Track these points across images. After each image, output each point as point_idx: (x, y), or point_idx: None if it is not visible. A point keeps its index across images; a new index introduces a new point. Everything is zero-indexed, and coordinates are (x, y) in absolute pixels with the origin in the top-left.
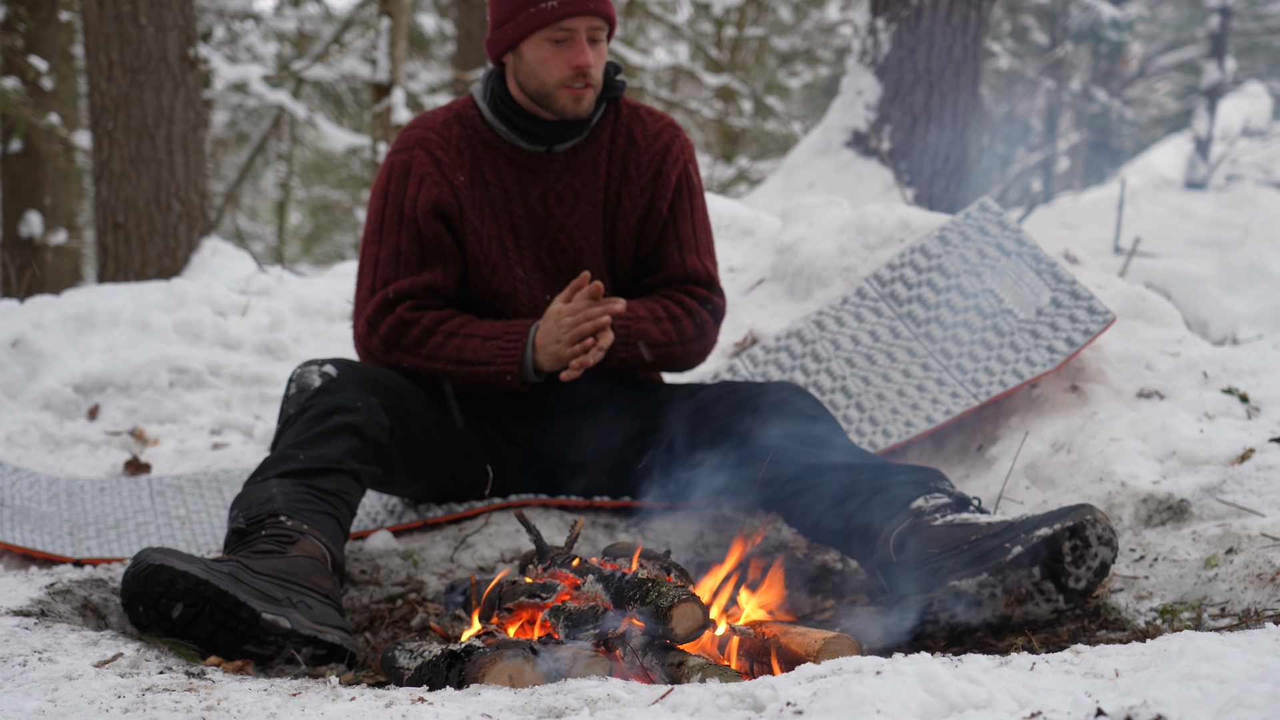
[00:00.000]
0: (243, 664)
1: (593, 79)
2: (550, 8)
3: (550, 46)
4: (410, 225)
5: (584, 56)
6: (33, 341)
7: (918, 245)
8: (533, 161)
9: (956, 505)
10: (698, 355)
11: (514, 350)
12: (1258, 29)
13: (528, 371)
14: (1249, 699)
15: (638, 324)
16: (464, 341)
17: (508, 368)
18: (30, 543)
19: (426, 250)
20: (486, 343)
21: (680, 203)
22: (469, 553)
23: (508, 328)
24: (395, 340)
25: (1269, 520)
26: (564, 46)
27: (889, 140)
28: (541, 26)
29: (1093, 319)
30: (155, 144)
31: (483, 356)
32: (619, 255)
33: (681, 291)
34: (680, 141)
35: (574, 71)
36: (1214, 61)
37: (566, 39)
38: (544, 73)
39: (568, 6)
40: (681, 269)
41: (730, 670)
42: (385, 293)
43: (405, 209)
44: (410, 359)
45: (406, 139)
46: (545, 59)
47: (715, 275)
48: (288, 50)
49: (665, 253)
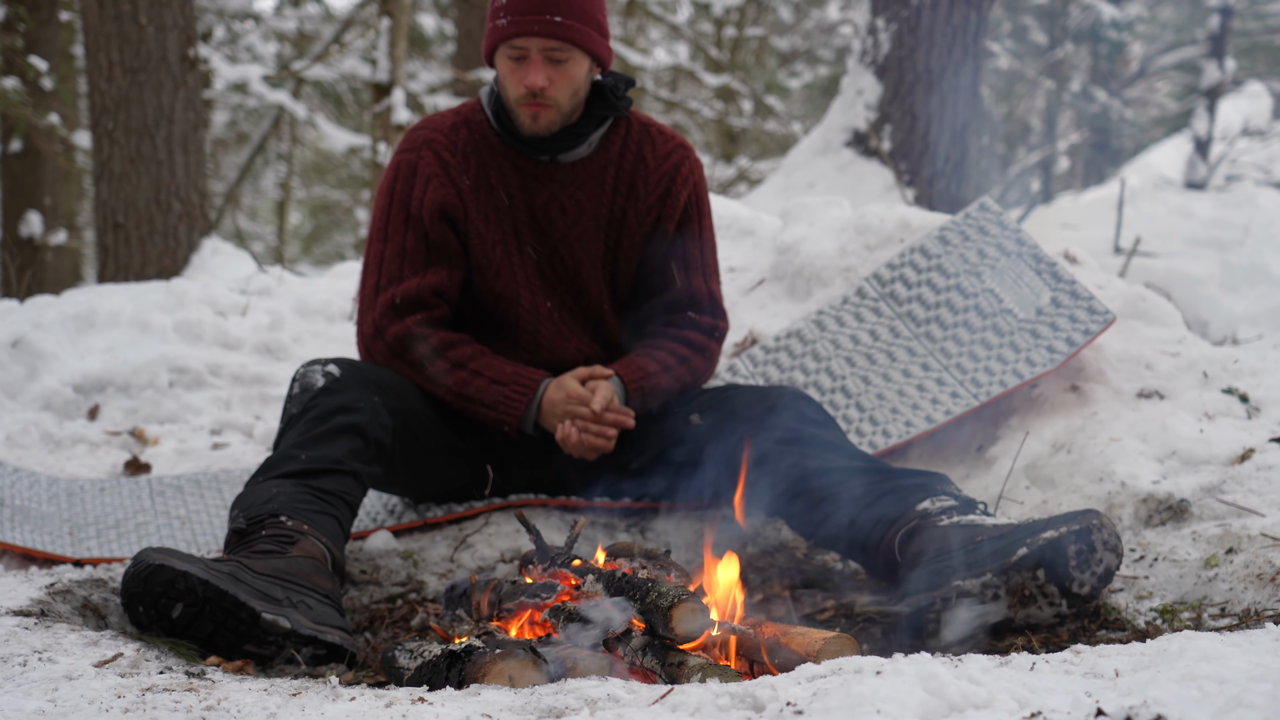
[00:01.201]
0: (243, 664)
1: (549, 99)
2: (501, 26)
3: (509, 63)
4: (416, 225)
5: (532, 76)
6: (33, 341)
7: (918, 245)
8: (538, 169)
9: (963, 508)
10: (707, 380)
11: (518, 403)
12: (1258, 29)
13: (527, 425)
14: (1249, 699)
15: (650, 381)
16: (470, 378)
17: (508, 418)
18: (30, 543)
19: (432, 250)
20: (492, 386)
21: (689, 223)
22: (469, 553)
23: (518, 376)
24: (400, 351)
25: (1269, 520)
26: (520, 64)
27: (889, 140)
28: (499, 43)
29: (1093, 319)
30: (155, 144)
31: (485, 399)
32: (620, 270)
33: (686, 324)
34: (690, 162)
35: (525, 90)
36: (1214, 61)
37: (521, 57)
38: (507, 87)
39: (515, 26)
40: (686, 290)
41: (730, 670)
42: (393, 296)
43: (412, 208)
44: (412, 373)
45: (414, 139)
46: (506, 74)
47: (719, 298)
48: (288, 50)
49: (670, 273)
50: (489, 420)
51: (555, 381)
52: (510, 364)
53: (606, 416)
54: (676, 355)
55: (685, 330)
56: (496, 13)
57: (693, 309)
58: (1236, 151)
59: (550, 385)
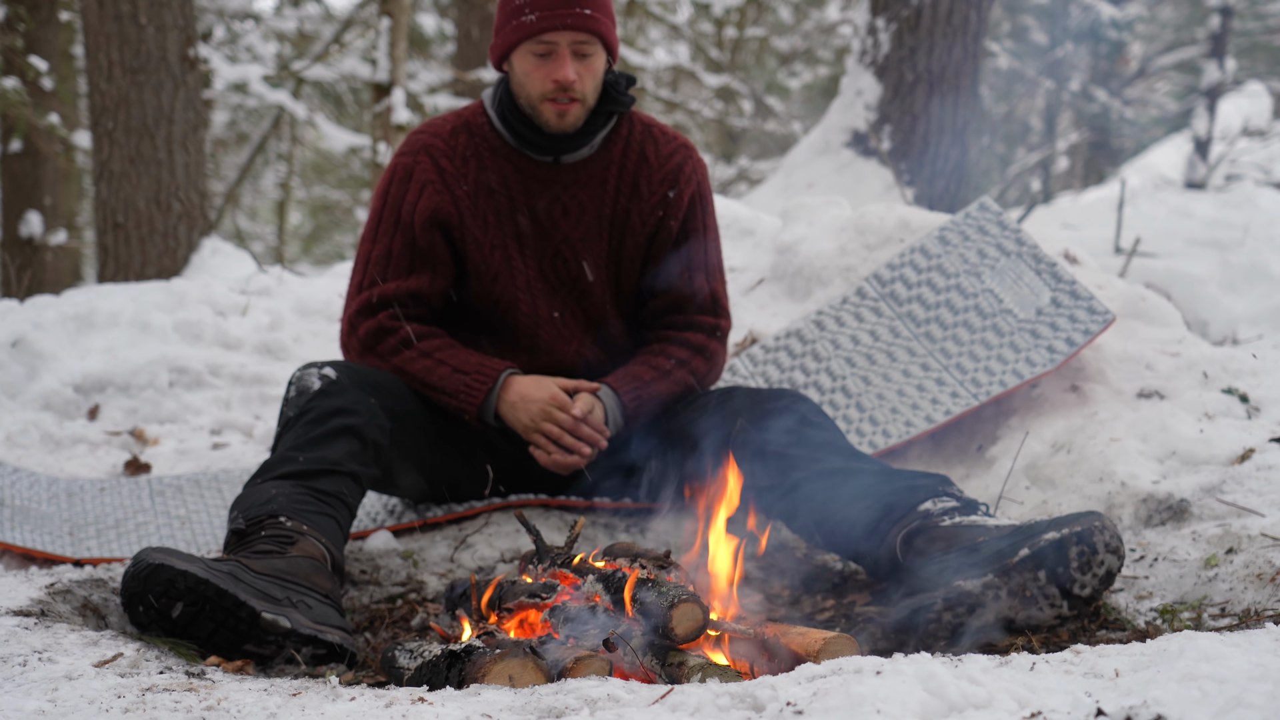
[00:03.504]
0: (243, 664)
1: (577, 93)
2: (530, 21)
3: (533, 59)
4: (405, 230)
5: (563, 70)
6: (33, 341)
7: (917, 245)
8: (540, 171)
9: (965, 509)
10: (712, 382)
11: (477, 391)
12: (1258, 29)
13: (487, 414)
14: (1249, 699)
15: (647, 389)
16: (434, 366)
17: (468, 406)
18: (30, 543)
19: (417, 256)
20: (455, 375)
21: (692, 222)
22: (469, 553)
23: (481, 365)
24: (371, 345)
25: (1269, 520)
26: (546, 60)
27: (889, 140)
28: (524, 39)
29: (1093, 319)
30: (155, 144)
31: (447, 387)
32: (624, 270)
33: (686, 325)
34: (694, 162)
35: (554, 85)
36: (1214, 61)
37: (549, 52)
38: (529, 85)
39: (546, 20)
40: (689, 289)
41: (730, 670)
42: (370, 295)
43: (403, 213)
44: (383, 365)
45: (413, 143)
46: (529, 71)
47: (723, 298)
48: (288, 50)
49: (673, 272)
50: (452, 409)
51: (534, 379)
52: (477, 355)
53: (583, 429)
54: (675, 359)
55: (685, 332)
56: (519, 10)
57: (694, 309)
58: (1236, 151)
59: (517, 378)
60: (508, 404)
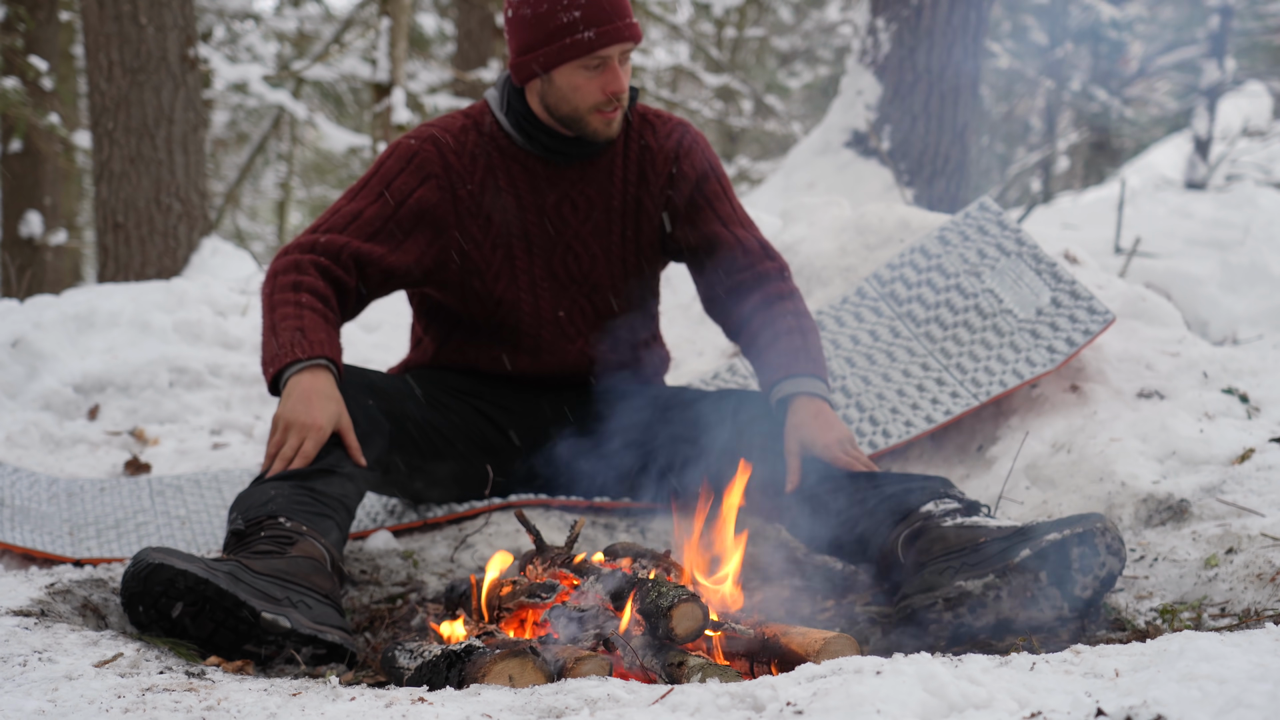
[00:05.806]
0: (243, 664)
1: (623, 100)
2: (588, 39)
3: (584, 74)
4: (385, 204)
5: (618, 82)
6: (33, 341)
7: (917, 245)
8: (548, 170)
9: (966, 510)
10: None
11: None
12: (1258, 29)
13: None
14: (1249, 699)
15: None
16: (275, 322)
17: (266, 376)
18: (30, 543)
19: (384, 228)
20: (273, 338)
21: (707, 184)
22: (469, 553)
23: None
24: (272, 275)
25: (1269, 520)
26: (598, 72)
27: (889, 140)
28: (579, 56)
29: (1093, 319)
30: (155, 144)
31: (267, 347)
32: (644, 258)
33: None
34: (692, 135)
35: (608, 97)
36: (1214, 61)
37: (601, 65)
38: (577, 99)
39: (605, 37)
40: (735, 242)
41: (730, 670)
42: (317, 238)
43: (391, 189)
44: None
45: (422, 131)
46: (579, 85)
47: (767, 241)
48: (288, 50)
49: (713, 232)
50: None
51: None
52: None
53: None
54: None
55: (763, 286)
56: (569, 27)
57: (754, 260)
58: (1236, 151)
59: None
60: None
